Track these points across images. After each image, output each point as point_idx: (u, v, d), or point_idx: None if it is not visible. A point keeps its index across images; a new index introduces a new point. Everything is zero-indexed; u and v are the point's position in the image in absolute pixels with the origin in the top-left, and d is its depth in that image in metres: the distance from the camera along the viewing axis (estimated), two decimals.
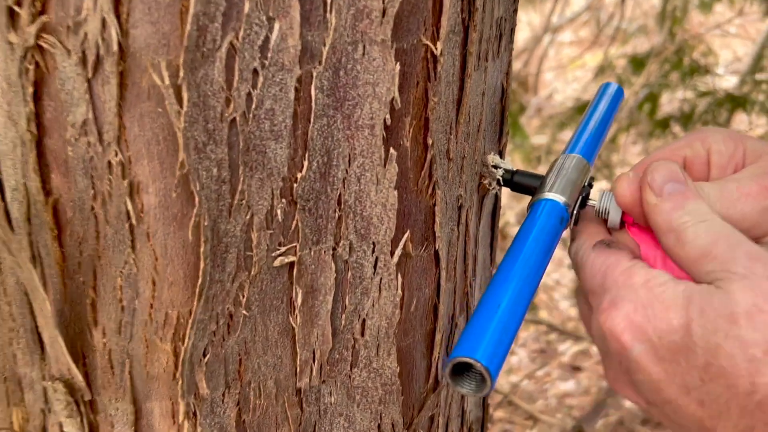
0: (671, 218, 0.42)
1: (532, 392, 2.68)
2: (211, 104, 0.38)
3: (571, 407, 2.63)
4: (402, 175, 0.44)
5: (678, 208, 0.42)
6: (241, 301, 0.43)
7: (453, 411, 0.56)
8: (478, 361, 0.36)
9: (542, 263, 0.44)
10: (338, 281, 0.44)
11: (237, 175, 0.39)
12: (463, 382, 0.38)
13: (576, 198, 0.49)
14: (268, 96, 0.39)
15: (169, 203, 0.39)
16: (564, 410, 2.61)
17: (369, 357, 0.47)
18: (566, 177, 0.49)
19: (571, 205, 0.48)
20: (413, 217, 0.46)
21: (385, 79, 0.40)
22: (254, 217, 0.41)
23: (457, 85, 0.45)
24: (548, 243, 0.45)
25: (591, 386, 2.72)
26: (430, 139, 0.44)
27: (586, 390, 2.72)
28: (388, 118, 0.41)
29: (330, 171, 0.41)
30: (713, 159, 0.49)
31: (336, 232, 0.43)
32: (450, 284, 0.50)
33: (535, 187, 0.50)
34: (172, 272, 0.41)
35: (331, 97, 0.40)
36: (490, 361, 0.36)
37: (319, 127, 0.40)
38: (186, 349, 0.42)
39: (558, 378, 2.77)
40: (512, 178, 0.52)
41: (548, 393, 2.73)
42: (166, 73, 0.37)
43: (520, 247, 0.44)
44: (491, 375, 0.36)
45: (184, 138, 0.37)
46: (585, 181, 0.50)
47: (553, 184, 0.49)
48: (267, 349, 0.45)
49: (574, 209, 0.48)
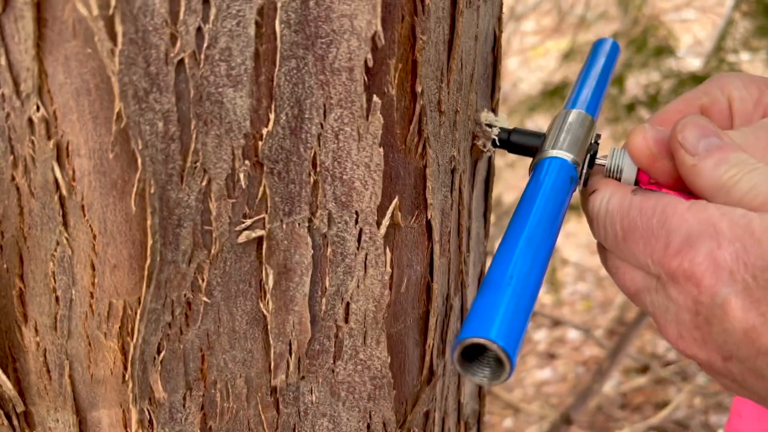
0: (717, 175, 0.37)
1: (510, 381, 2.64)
2: (152, 42, 0.30)
3: (549, 395, 2.60)
4: (387, 130, 0.37)
5: (722, 163, 0.37)
6: (201, 285, 0.36)
7: (449, 405, 0.50)
8: (493, 341, 0.30)
9: (554, 227, 0.38)
10: (316, 259, 0.37)
11: (188, 131, 0.32)
12: (474, 369, 0.32)
13: (584, 156, 0.43)
14: (223, 32, 0.32)
15: (107, 167, 0.32)
16: (542, 398, 2.58)
17: (355, 347, 0.40)
18: (571, 133, 0.43)
19: (579, 163, 0.42)
20: (401, 180, 0.39)
21: (364, 9, 0.33)
22: (212, 183, 0.34)
23: (448, 23, 0.38)
24: (559, 204, 0.39)
25: (568, 373, 2.70)
26: (420, 87, 0.37)
27: (563, 377, 2.70)
28: (370, 58, 0.34)
29: (302, 125, 0.35)
30: (735, 106, 0.43)
31: (312, 200, 0.36)
32: (444, 260, 0.44)
33: (536, 147, 0.44)
34: (115, 253, 0.34)
35: (300, 34, 0.33)
36: (507, 341, 0.30)
37: (286, 71, 0.33)
38: (136, 345, 0.35)
39: (534, 366, 2.75)
40: (509, 138, 0.45)
41: (525, 382, 2.70)
42: (94, 2, 0.29)
43: (528, 209, 0.38)
44: (510, 357, 0.30)
45: (120, 84, 0.30)
46: (592, 137, 0.44)
47: (557, 140, 0.43)
48: (234, 342, 0.38)
49: (583, 168, 0.42)
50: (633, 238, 0.38)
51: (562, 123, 0.44)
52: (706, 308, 0.34)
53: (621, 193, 0.40)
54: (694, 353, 0.37)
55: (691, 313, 0.35)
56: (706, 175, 0.37)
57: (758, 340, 0.33)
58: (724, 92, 0.44)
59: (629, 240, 0.38)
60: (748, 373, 0.35)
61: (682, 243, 0.35)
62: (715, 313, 0.34)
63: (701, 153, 0.38)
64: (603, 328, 2.72)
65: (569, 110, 0.45)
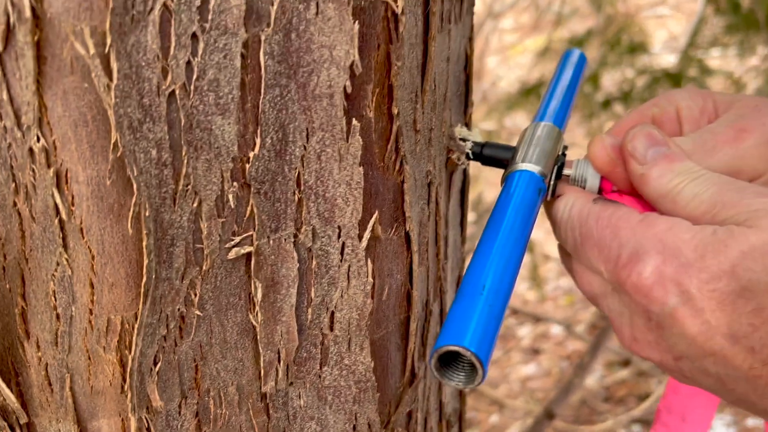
0: (662, 183, 0.39)
1: (495, 378, 2.67)
2: (145, 75, 0.33)
3: (534, 390, 2.64)
4: (366, 150, 0.39)
5: (667, 172, 0.39)
6: (194, 300, 0.38)
7: (431, 404, 0.52)
8: (467, 348, 0.32)
9: (524, 237, 0.41)
10: (302, 272, 0.40)
11: (180, 157, 0.35)
12: (450, 373, 0.34)
13: (552, 167, 0.45)
14: (211, 64, 0.34)
15: (104, 193, 0.34)
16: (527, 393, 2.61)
17: (340, 353, 0.43)
18: (540, 146, 0.46)
19: (547, 174, 0.45)
20: (381, 196, 0.41)
21: (342, 40, 0.36)
22: (203, 204, 0.36)
23: (421, 48, 0.41)
24: (528, 216, 0.42)
25: (552, 367, 2.73)
26: (396, 109, 0.40)
27: (548, 372, 2.74)
28: (348, 85, 0.37)
29: (286, 148, 0.37)
30: (684, 114, 0.47)
31: (297, 216, 0.39)
32: (423, 268, 0.46)
33: (507, 160, 0.47)
34: (112, 272, 0.36)
35: (283, 64, 0.35)
36: (479, 348, 0.33)
37: (271, 99, 0.36)
38: (134, 358, 0.37)
39: (519, 362, 2.78)
40: (482, 151, 0.48)
41: (510, 377, 2.73)
42: (90, 41, 0.32)
43: (499, 221, 0.41)
44: (482, 363, 0.33)
45: (116, 116, 0.33)
46: (559, 149, 0.47)
47: (526, 154, 0.46)
48: (226, 352, 0.40)
49: (551, 179, 0.45)
50: (589, 245, 0.40)
51: (531, 136, 0.47)
52: (656, 316, 0.37)
53: (582, 200, 0.42)
54: (648, 354, 0.39)
55: (644, 319, 0.38)
56: (653, 183, 0.40)
57: (705, 344, 0.36)
58: (672, 103, 0.47)
59: (586, 246, 0.41)
60: (697, 371, 0.38)
61: (631, 256, 0.38)
62: (665, 320, 0.37)
63: (649, 162, 0.40)
64: (585, 322, 2.76)
65: (538, 123, 0.48)
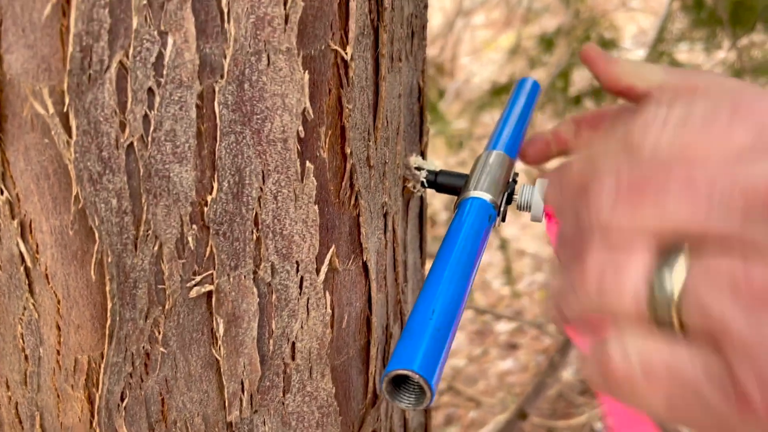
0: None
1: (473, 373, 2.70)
2: (103, 130, 0.34)
3: (512, 385, 2.67)
4: (322, 188, 0.41)
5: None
6: (158, 337, 0.39)
7: (395, 422, 0.54)
8: (416, 372, 0.34)
9: (473, 263, 0.43)
10: (262, 306, 0.42)
11: (140, 204, 0.36)
12: (401, 395, 0.36)
13: (502, 194, 0.47)
14: (167, 116, 0.35)
15: (67, 241, 0.36)
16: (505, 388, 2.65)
17: (302, 381, 0.45)
18: (490, 174, 0.48)
19: (497, 201, 0.47)
20: (337, 230, 0.43)
21: (293, 89, 0.38)
22: (163, 248, 0.38)
23: (372, 89, 0.42)
24: (477, 242, 0.44)
25: (529, 362, 2.77)
26: (348, 148, 0.41)
27: (524, 367, 2.77)
28: (301, 130, 0.39)
29: (243, 190, 0.39)
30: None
31: (255, 254, 0.40)
32: (381, 294, 0.48)
33: (460, 187, 0.49)
34: (78, 315, 0.38)
35: (237, 112, 0.37)
36: (428, 372, 0.34)
37: (226, 145, 0.37)
38: (101, 395, 0.39)
39: (497, 357, 2.81)
40: (436, 179, 0.50)
41: (488, 373, 2.77)
42: (49, 100, 0.33)
43: (450, 248, 0.43)
44: (430, 386, 0.34)
45: (76, 170, 0.34)
46: (510, 176, 0.49)
47: (478, 182, 0.48)
48: (191, 385, 0.42)
49: (501, 206, 0.47)
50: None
51: (483, 165, 0.49)
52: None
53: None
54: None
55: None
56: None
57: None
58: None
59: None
60: None
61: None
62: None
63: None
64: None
65: (490, 152, 0.50)
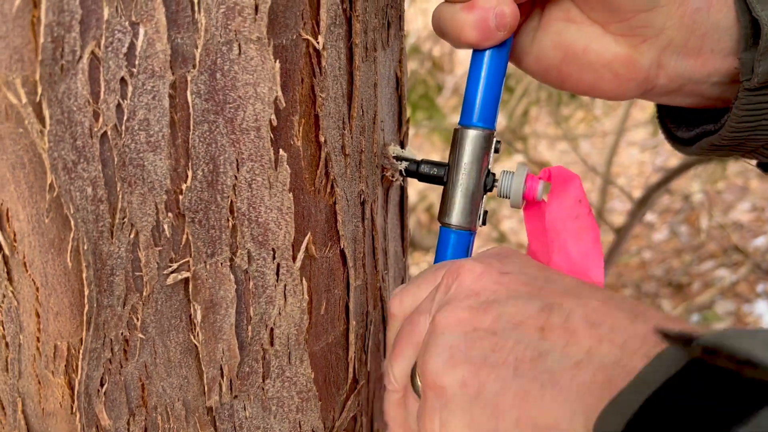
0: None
1: None
2: (77, 120, 0.35)
3: None
4: (296, 176, 0.42)
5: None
6: (136, 324, 0.40)
7: (377, 408, 0.55)
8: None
9: None
10: (239, 292, 0.42)
11: (115, 193, 0.37)
12: None
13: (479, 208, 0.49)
14: (141, 105, 0.36)
15: (44, 229, 0.37)
16: None
17: (281, 366, 0.45)
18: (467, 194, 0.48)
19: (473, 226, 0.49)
20: (313, 217, 0.44)
21: (265, 78, 0.38)
22: (140, 235, 0.38)
23: (346, 78, 0.43)
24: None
25: None
26: (323, 137, 0.42)
27: None
28: (274, 118, 0.39)
29: (218, 179, 0.39)
30: None
31: (231, 242, 0.41)
32: (359, 281, 0.49)
33: (441, 177, 0.49)
34: (56, 302, 0.38)
35: (210, 102, 0.38)
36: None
37: (200, 134, 0.38)
38: (80, 381, 0.40)
39: None
40: (417, 169, 0.50)
41: None
42: (22, 90, 0.34)
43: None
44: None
45: (51, 158, 0.35)
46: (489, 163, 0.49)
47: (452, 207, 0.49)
48: (170, 371, 0.42)
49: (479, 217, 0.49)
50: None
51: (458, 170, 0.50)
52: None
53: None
54: None
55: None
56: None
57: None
58: None
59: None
60: None
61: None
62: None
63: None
64: None
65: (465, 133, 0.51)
